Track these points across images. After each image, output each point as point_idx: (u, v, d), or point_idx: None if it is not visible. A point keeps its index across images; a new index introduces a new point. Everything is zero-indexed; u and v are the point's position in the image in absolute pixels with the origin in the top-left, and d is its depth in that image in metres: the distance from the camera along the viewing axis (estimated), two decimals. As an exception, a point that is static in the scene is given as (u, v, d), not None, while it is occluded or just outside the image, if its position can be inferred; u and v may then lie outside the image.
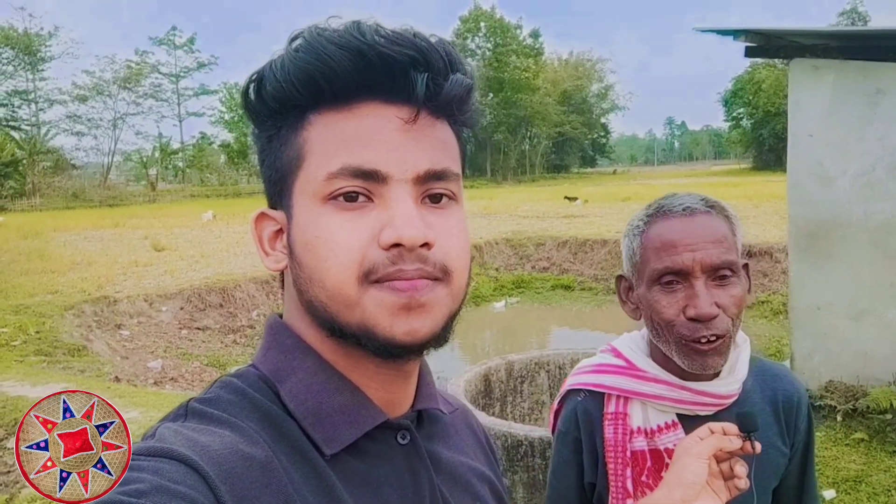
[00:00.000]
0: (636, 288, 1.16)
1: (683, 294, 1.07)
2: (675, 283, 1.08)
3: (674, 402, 1.14)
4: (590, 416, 1.21)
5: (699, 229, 1.08)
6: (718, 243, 1.08)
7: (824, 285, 4.91)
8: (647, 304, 1.12)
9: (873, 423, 4.56)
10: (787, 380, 1.25)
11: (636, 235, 1.15)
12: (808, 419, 1.24)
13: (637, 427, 1.16)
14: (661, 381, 1.15)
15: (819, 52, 4.79)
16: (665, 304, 1.08)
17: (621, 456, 1.16)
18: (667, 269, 1.08)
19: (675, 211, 1.11)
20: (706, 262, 1.06)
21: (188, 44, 55.57)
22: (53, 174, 40.32)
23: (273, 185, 0.67)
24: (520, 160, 64.56)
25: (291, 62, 0.61)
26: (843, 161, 4.77)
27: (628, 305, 1.20)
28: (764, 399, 1.20)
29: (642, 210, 1.18)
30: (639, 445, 1.16)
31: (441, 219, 0.63)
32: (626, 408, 1.18)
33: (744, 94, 62.13)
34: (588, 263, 13.43)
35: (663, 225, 1.11)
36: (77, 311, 8.82)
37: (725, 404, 1.14)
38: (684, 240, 1.08)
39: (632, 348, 1.23)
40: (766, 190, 23.41)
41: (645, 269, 1.12)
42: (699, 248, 1.07)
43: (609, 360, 1.24)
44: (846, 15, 56.70)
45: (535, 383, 4.48)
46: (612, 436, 1.17)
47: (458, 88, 0.63)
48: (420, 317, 0.60)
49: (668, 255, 1.08)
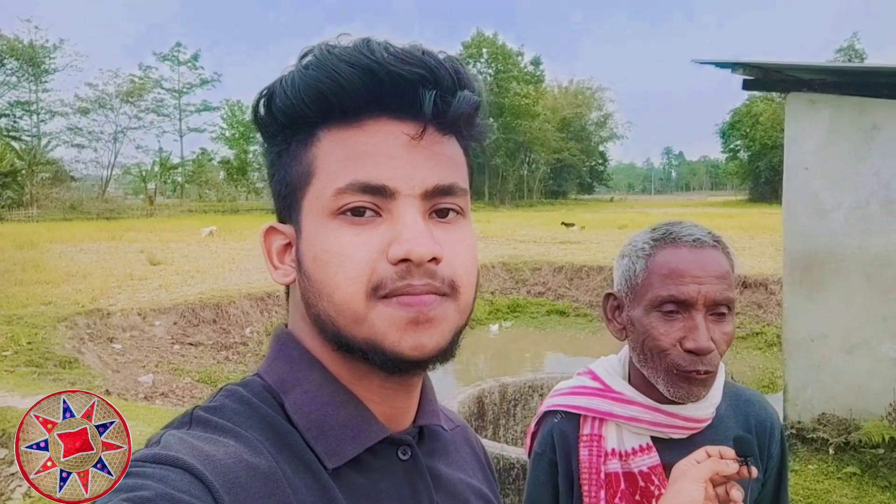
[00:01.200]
0: (627, 309, 1.16)
1: (682, 325, 1.08)
2: (675, 312, 1.08)
3: (648, 424, 1.14)
4: (566, 438, 1.22)
5: (707, 263, 1.09)
6: (722, 279, 1.09)
7: (818, 317, 4.92)
8: (641, 328, 1.12)
9: (865, 458, 4.54)
10: (759, 405, 1.25)
11: (640, 258, 1.14)
12: (780, 444, 1.24)
13: (612, 449, 1.17)
14: (637, 404, 1.15)
15: (816, 86, 4.85)
16: (662, 331, 1.08)
17: (595, 478, 1.17)
18: (671, 298, 1.08)
19: (684, 240, 1.11)
20: (710, 296, 1.07)
21: (192, 60, 55.94)
22: (52, 185, 40.26)
23: (282, 200, 0.68)
24: (518, 185, 64.81)
25: (301, 79, 0.62)
26: (839, 194, 4.81)
27: (614, 324, 1.20)
28: (737, 424, 1.21)
29: (646, 233, 1.17)
30: (613, 468, 1.16)
31: (449, 234, 0.64)
32: (602, 430, 1.18)
33: (741, 126, 62.68)
34: (584, 290, 13.42)
35: (672, 253, 1.11)
36: (70, 323, 8.77)
37: (699, 428, 1.15)
38: (692, 271, 1.08)
39: (608, 371, 1.23)
40: (761, 222, 23.53)
41: (645, 294, 1.11)
42: (705, 282, 1.07)
43: (586, 382, 1.25)
44: (843, 52, 57.44)
45: (528, 406, 4.46)
46: (588, 457, 1.18)
47: (465, 105, 0.63)
48: (427, 332, 0.60)
49: (675, 283, 1.08)
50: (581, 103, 70.40)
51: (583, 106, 70.59)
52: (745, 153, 65.53)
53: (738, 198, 72.87)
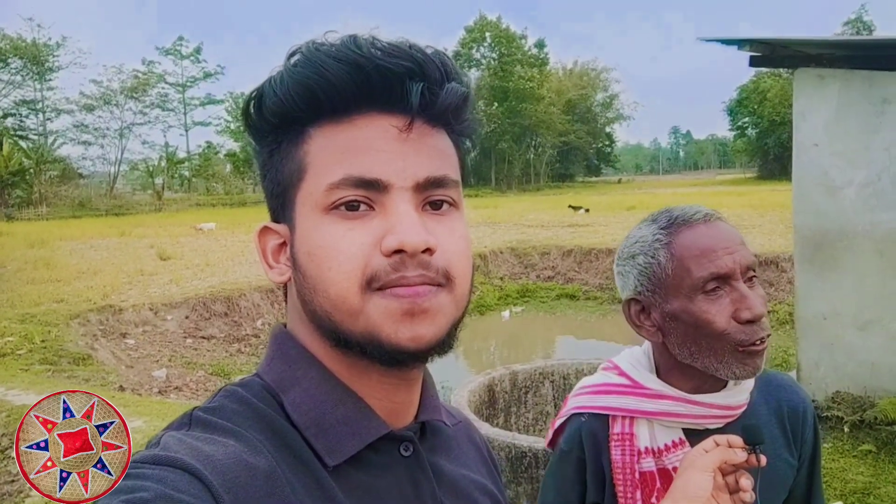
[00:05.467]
0: (659, 306, 1.11)
1: (728, 299, 1.05)
2: (718, 289, 1.05)
3: (682, 417, 1.11)
4: (595, 437, 1.18)
5: (726, 233, 1.07)
6: (743, 244, 1.07)
7: (830, 295, 4.89)
8: (688, 318, 1.06)
9: (881, 435, 4.52)
10: (791, 390, 1.22)
11: (659, 249, 1.09)
12: (814, 429, 1.21)
13: (645, 447, 1.13)
14: (668, 397, 1.12)
15: (824, 61, 4.79)
16: (714, 312, 1.04)
17: (630, 478, 1.13)
18: (712, 276, 1.04)
19: (696, 219, 1.09)
20: (744, 263, 1.05)
21: (195, 54, 55.90)
22: (60, 183, 40.46)
23: (275, 199, 0.68)
24: (524, 169, 64.62)
25: (290, 77, 0.62)
26: (849, 170, 4.75)
27: (645, 329, 1.14)
28: (769, 410, 1.18)
29: (648, 227, 1.13)
30: (647, 466, 1.13)
31: (442, 225, 0.64)
32: (633, 428, 1.14)
33: (749, 103, 62.24)
34: (593, 273, 13.41)
35: (692, 233, 1.08)
36: (82, 320, 8.84)
37: (735, 416, 1.12)
38: (720, 244, 1.05)
39: (634, 365, 1.19)
40: (771, 199, 23.39)
41: (681, 282, 1.07)
42: (735, 250, 1.05)
43: (612, 378, 1.20)
44: (851, 24, 56.70)
45: (539, 394, 4.47)
46: (620, 457, 1.14)
47: (453, 97, 0.64)
48: (424, 322, 0.60)
49: (710, 260, 1.04)
50: (586, 85, 69.93)
51: (588, 87, 70.12)
52: (753, 130, 65.10)
53: (747, 175, 72.41)
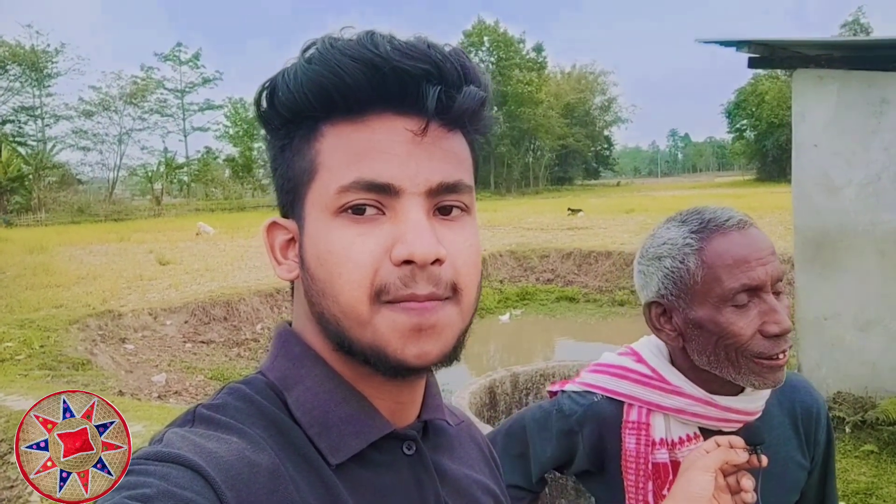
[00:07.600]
0: (684, 312, 1.07)
1: (756, 311, 1.02)
2: (748, 300, 1.02)
3: (700, 417, 1.09)
4: (604, 419, 1.17)
5: (759, 242, 1.04)
6: (774, 254, 1.04)
7: (831, 295, 4.88)
8: (714, 328, 1.03)
9: (883, 435, 4.51)
10: (804, 391, 1.21)
11: (689, 254, 1.05)
12: (827, 431, 1.20)
13: (660, 438, 1.12)
14: (688, 396, 1.10)
15: (823, 62, 4.80)
16: (742, 325, 1.01)
17: (643, 468, 1.12)
18: (743, 287, 1.01)
19: (729, 225, 1.05)
20: (774, 274, 1.02)
21: (193, 59, 55.96)
22: (59, 189, 40.46)
23: (285, 195, 0.67)
24: (523, 173, 64.64)
25: (304, 73, 0.60)
26: (849, 171, 4.75)
27: (666, 333, 1.11)
28: (783, 412, 1.17)
29: (677, 227, 1.09)
30: (661, 458, 1.11)
31: (453, 232, 0.63)
32: (649, 418, 1.13)
33: (747, 105, 62.37)
34: (592, 275, 13.40)
35: (725, 241, 1.04)
36: (81, 325, 8.83)
37: (750, 420, 1.09)
38: (754, 254, 1.02)
39: (655, 355, 1.16)
40: (770, 201, 23.39)
41: (710, 291, 1.03)
42: (767, 261, 1.02)
43: (631, 365, 1.18)
44: (848, 26, 56.84)
45: (540, 395, 4.45)
46: (634, 446, 1.13)
47: (470, 101, 0.62)
48: (431, 339, 0.60)
49: (743, 271, 1.01)
50: (584, 88, 70.10)
51: (586, 91, 70.30)
52: (752, 132, 65.20)
53: (746, 177, 72.52)
